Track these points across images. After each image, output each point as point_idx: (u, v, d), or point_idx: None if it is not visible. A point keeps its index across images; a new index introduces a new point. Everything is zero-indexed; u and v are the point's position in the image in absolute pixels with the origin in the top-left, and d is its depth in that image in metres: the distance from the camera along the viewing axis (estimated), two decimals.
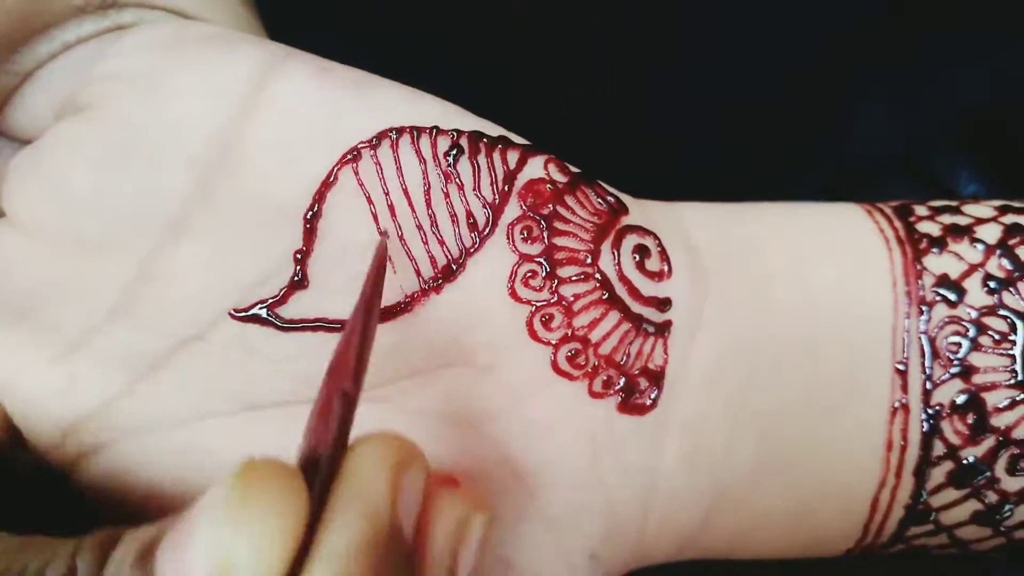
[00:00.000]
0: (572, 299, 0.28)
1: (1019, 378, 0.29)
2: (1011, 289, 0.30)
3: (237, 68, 0.27)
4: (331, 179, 0.27)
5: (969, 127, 0.44)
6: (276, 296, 0.27)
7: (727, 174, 0.43)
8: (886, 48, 0.43)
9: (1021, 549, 0.31)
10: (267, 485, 0.20)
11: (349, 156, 0.27)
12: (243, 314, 0.27)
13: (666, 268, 0.29)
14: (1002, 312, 0.30)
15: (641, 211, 0.30)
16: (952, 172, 0.44)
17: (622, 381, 0.28)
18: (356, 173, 0.27)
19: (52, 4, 0.28)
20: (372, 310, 0.24)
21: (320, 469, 0.21)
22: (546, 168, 0.28)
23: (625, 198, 0.30)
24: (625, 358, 0.28)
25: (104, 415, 0.28)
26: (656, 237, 0.29)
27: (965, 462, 0.29)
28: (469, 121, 0.29)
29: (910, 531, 0.31)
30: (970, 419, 0.29)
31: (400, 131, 0.27)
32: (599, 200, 0.29)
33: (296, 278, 0.27)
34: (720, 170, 0.43)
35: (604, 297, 0.28)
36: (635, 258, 0.29)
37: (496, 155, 0.28)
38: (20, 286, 0.28)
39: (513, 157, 0.28)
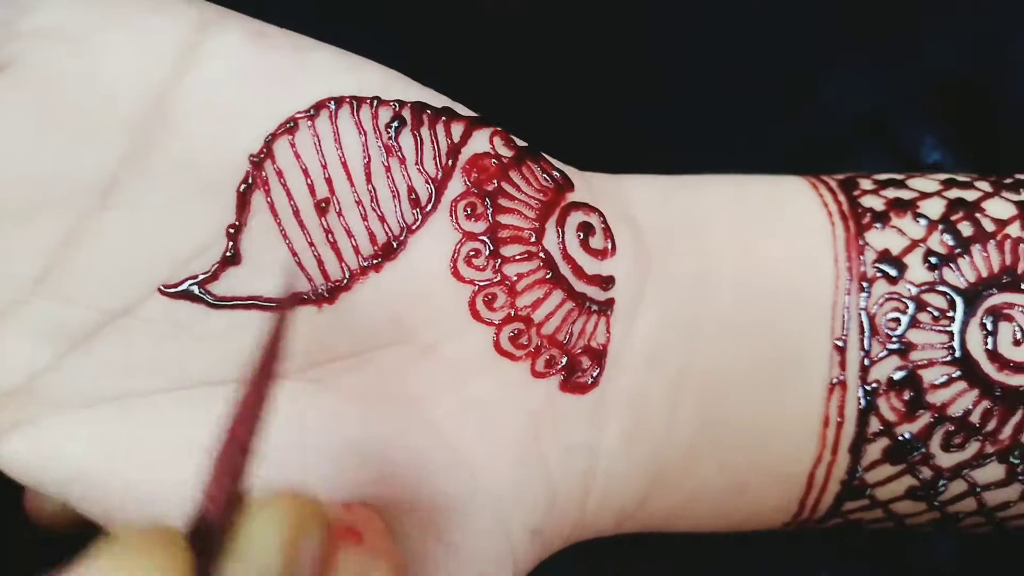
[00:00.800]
0: (516, 278, 0.27)
1: (956, 355, 0.29)
2: (951, 265, 0.30)
3: (169, 28, 0.26)
4: (266, 150, 0.26)
5: (936, 94, 0.44)
6: (208, 272, 0.26)
7: (690, 140, 0.43)
8: (855, 11, 0.42)
9: (953, 523, 0.32)
10: (142, 559, 0.19)
11: (285, 127, 0.26)
12: (173, 290, 0.26)
13: (610, 246, 0.29)
14: (941, 288, 0.30)
15: (586, 186, 0.29)
16: (916, 139, 0.44)
17: (564, 360, 0.28)
18: (292, 145, 0.26)
19: None
20: (269, 380, 0.22)
21: (213, 537, 0.21)
22: (491, 141, 0.28)
23: (570, 172, 0.29)
24: (568, 337, 0.28)
25: (30, 390, 0.27)
26: (601, 214, 0.29)
27: (900, 438, 0.30)
28: (412, 90, 0.28)
29: (846, 506, 0.31)
30: (906, 396, 0.29)
31: (339, 101, 0.27)
32: (544, 176, 0.28)
33: (228, 254, 0.26)
34: (683, 136, 0.43)
35: (548, 276, 0.28)
36: (579, 236, 0.28)
37: (440, 127, 0.27)
38: None
39: (457, 130, 0.28)
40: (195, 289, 0.26)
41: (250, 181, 0.26)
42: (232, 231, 0.26)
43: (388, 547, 0.24)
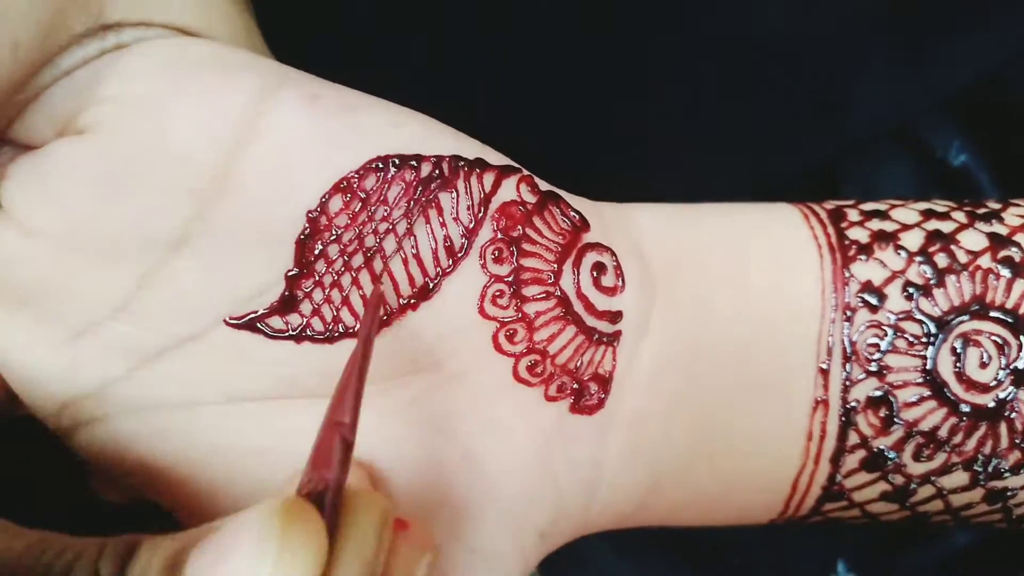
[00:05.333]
0: (534, 316, 0.31)
1: (928, 377, 0.32)
2: (927, 295, 0.33)
3: (233, 99, 0.29)
4: (322, 206, 0.29)
5: (965, 99, 0.45)
6: (267, 309, 0.30)
7: (728, 143, 0.44)
8: (889, 18, 0.44)
9: (923, 519, 0.35)
10: (305, 525, 0.22)
11: (338, 186, 0.29)
12: (237, 322, 0.30)
13: (620, 283, 0.32)
14: (917, 316, 0.33)
15: (599, 222, 0.32)
16: (944, 142, 0.45)
17: (574, 386, 0.31)
18: (344, 201, 0.29)
19: (56, 39, 0.28)
20: (367, 357, 0.27)
21: (326, 509, 0.24)
22: (518, 188, 0.31)
23: (585, 208, 0.32)
24: (578, 365, 0.31)
25: (101, 395, 0.30)
26: (613, 253, 0.32)
27: (876, 450, 0.33)
28: (449, 141, 0.30)
29: (825, 507, 0.35)
30: (882, 413, 0.32)
31: (385, 160, 0.29)
32: (563, 219, 0.31)
33: (287, 295, 0.29)
34: (721, 139, 0.44)
35: (562, 314, 0.31)
36: (593, 275, 0.31)
37: (473, 178, 0.30)
38: (21, 279, 0.29)
39: (488, 180, 0.30)
40: (256, 323, 0.30)
41: (307, 233, 0.29)
42: (290, 276, 0.29)
43: (429, 537, 0.28)
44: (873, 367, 0.32)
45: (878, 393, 0.32)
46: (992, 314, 0.33)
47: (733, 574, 0.48)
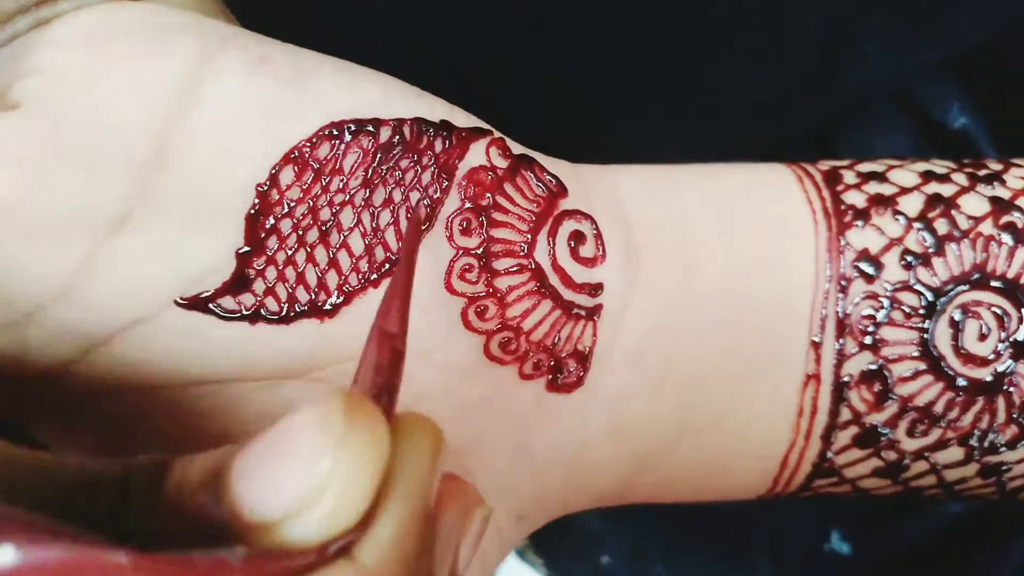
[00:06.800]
0: (506, 291, 0.29)
1: (924, 350, 0.31)
2: (926, 265, 0.31)
3: (169, 64, 0.27)
4: (272, 179, 0.27)
5: (963, 60, 0.44)
6: (217, 289, 0.28)
7: (724, 106, 0.43)
8: None
9: (915, 494, 0.34)
10: (368, 419, 0.20)
11: (289, 156, 0.27)
12: (186, 303, 0.28)
13: (600, 253, 0.30)
14: (916, 287, 0.31)
15: (579, 186, 0.30)
16: (943, 104, 0.44)
17: (551, 363, 0.29)
18: (296, 172, 0.27)
19: None
20: (412, 266, 0.25)
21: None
22: (487, 152, 0.29)
23: (563, 171, 0.30)
24: (555, 342, 0.29)
25: (56, 380, 0.28)
26: (593, 220, 0.30)
27: (869, 426, 0.32)
28: (411, 103, 0.29)
29: (816, 483, 0.33)
30: (876, 388, 0.31)
31: (340, 126, 0.28)
32: (538, 184, 0.29)
33: (238, 274, 0.28)
34: (716, 102, 0.43)
35: (537, 287, 0.29)
36: (570, 245, 0.29)
37: (437, 143, 0.28)
38: None
39: (454, 143, 0.29)
40: (207, 303, 0.28)
41: (257, 208, 0.27)
42: (241, 254, 0.28)
43: (477, 492, 0.25)
44: (868, 340, 0.31)
45: (872, 367, 0.31)
46: (993, 284, 0.31)
47: (727, 542, 0.47)
